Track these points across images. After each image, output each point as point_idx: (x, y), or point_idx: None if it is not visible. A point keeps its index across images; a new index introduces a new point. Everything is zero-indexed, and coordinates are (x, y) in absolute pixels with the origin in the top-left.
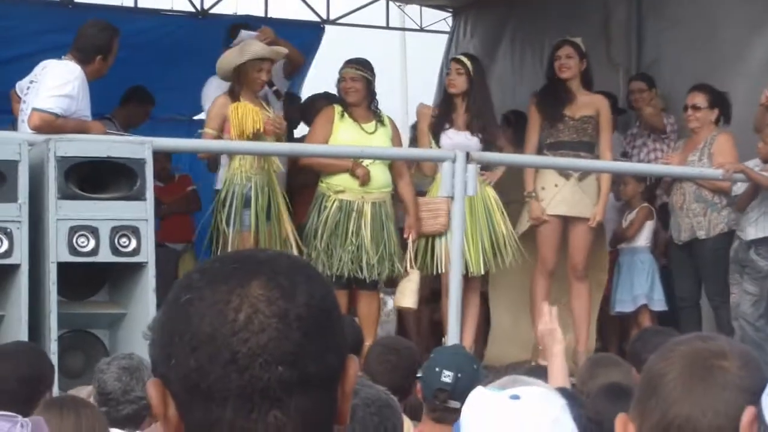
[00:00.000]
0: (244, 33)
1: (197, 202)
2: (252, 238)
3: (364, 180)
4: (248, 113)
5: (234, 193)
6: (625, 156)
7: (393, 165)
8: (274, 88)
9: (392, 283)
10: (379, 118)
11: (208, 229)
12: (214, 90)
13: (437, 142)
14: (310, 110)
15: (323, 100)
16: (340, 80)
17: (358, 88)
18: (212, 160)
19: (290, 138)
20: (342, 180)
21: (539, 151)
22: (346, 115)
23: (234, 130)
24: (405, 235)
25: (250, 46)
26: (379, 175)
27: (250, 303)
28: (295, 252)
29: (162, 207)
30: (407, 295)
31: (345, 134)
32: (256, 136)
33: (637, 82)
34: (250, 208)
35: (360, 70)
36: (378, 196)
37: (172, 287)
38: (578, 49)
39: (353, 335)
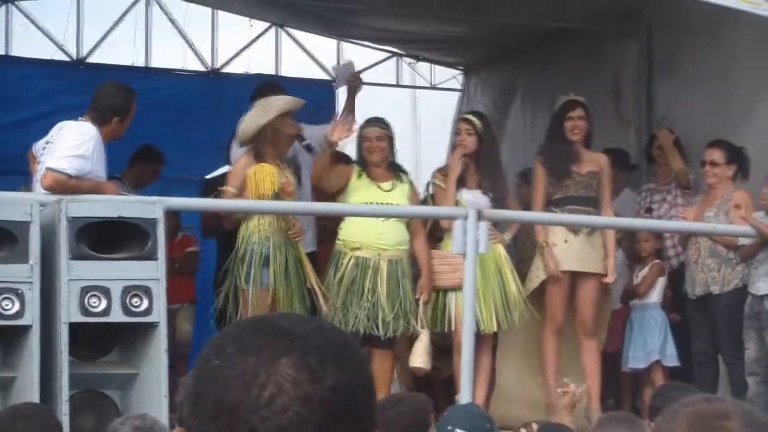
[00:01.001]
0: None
1: (196, 264)
2: (270, 297)
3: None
4: (266, 176)
5: (253, 252)
6: (649, 212)
7: (410, 223)
8: (305, 142)
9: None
10: (397, 177)
11: (215, 286)
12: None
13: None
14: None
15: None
16: (363, 139)
17: (383, 147)
18: (210, 226)
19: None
20: (359, 236)
21: (546, 208)
22: (363, 175)
23: (251, 194)
24: (417, 296)
25: (273, 102)
26: (396, 232)
27: (276, 382)
28: (321, 303)
29: (174, 266)
30: (418, 355)
31: (358, 194)
32: (276, 197)
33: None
34: (269, 267)
35: (384, 128)
36: (394, 253)
37: (207, 344)
38: (586, 109)
39: None
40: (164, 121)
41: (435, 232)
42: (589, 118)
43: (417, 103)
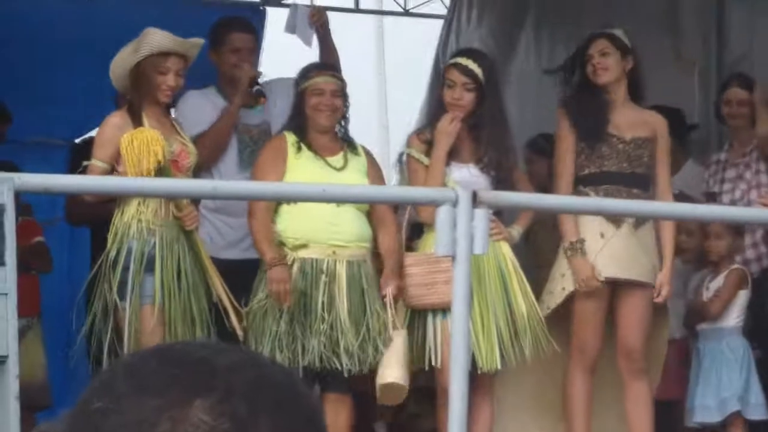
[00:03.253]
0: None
1: (47, 260)
2: (156, 315)
3: (275, 288)
4: (147, 144)
5: (130, 252)
6: (712, 197)
7: (373, 211)
8: (256, 87)
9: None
10: (351, 147)
11: (72, 298)
12: (191, 108)
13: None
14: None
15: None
16: (307, 93)
17: (338, 107)
18: (78, 211)
19: None
20: (304, 230)
21: (574, 188)
22: (303, 146)
23: (130, 170)
24: (382, 293)
25: (149, 37)
26: (355, 223)
27: None
28: (234, 324)
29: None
30: (392, 367)
31: (304, 175)
32: (160, 172)
33: (735, 89)
34: (153, 273)
35: (340, 79)
36: (354, 252)
37: (88, 385)
38: (619, 43)
39: None
40: (13, 62)
41: (411, 228)
42: (627, 54)
43: (383, 36)
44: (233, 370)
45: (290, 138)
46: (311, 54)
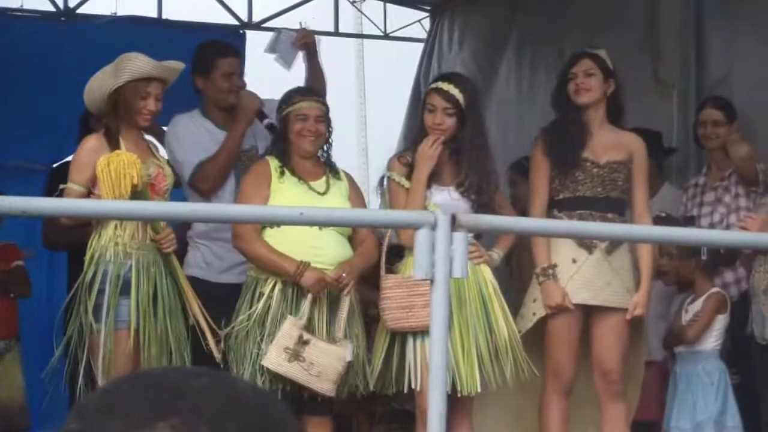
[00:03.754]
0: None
1: (26, 284)
2: (131, 340)
3: (316, 289)
4: (124, 167)
5: (106, 275)
6: (691, 221)
7: (354, 234)
8: (267, 120)
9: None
10: (333, 172)
11: (51, 321)
12: (185, 132)
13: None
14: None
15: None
16: (291, 119)
17: (322, 132)
18: (55, 236)
19: None
20: (286, 252)
21: (549, 213)
22: (286, 171)
23: (106, 193)
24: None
25: (129, 62)
26: (336, 247)
27: None
28: (212, 346)
29: None
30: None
31: (288, 199)
32: (137, 195)
33: (709, 110)
34: (129, 297)
35: (324, 105)
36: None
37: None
38: (602, 63)
39: None
40: None
41: (392, 251)
42: (609, 77)
43: (363, 59)
44: (200, 394)
45: (273, 163)
46: (290, 78)
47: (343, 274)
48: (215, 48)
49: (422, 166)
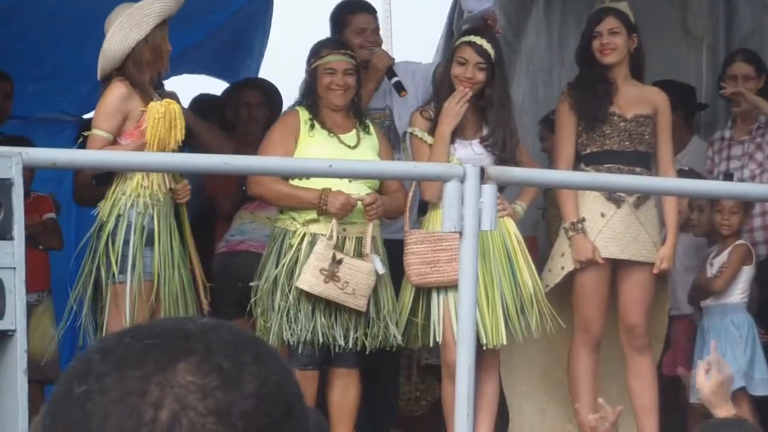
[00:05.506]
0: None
1: (59, 237)
2: (154, 292)
3: (342, 212)
4: (177, 118)
5: (130, 225)
6: (730, 177)
7: (384, 189)
8: (395, 79)
9: None
10: (363, 125)
11: (78, 275)
12: None
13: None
14: (233, 106)
15: (253, 91)
16: (324, 72)
17: (351, 85)
18: (85, 185)
19: None
20: None
21: (576, 167)
22: (316, 124)
23: (157, 143)
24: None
25: (152, 5)
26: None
27: (175, 395)
28: (204, 302)
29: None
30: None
31: (319, 152)
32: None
33: (739, 63)
34: (153, 248)
35: (353, 57)
36: (364, 229)
37: (62, 375)
38: (626, 20)
39: None
40: (19, 36)
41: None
42: (633, 33)
43: (391, 6)
44: (208, 332)
45: (303, 115)
46: (322, 30)
47: (368, 199)
48: (347, 6)
49: (447, 122)
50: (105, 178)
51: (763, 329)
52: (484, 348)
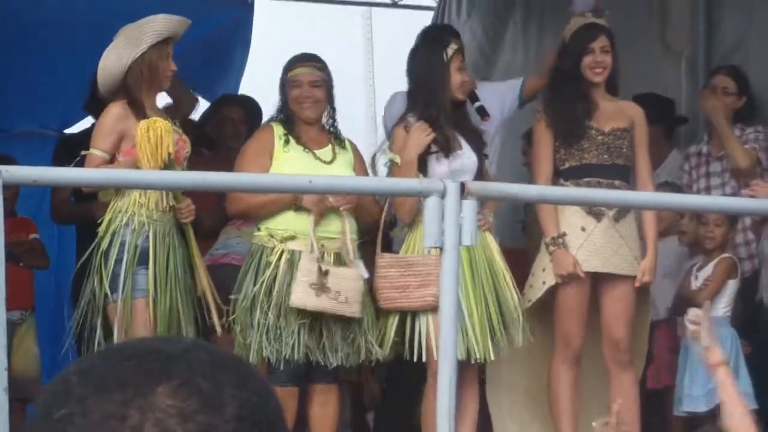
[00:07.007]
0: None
1: (44, 257)
2: (150, 310)
3: (319, 208)
4: (163, 135)
5: (124, 244)
6: (690, 188)
7: (360, 204)
8: (478, 103)
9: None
10: (338, 141)
11: (59, 292)
12: (400, 107)
13: (424, 172)
14: (214, 123)
15: (235, 108)
16: (291, 85)
17: (320, 98)
18: (65, 208)
19: None
20: (290, 222)
21: (555, 182)
22: (291, 139)
23: (146, 161)
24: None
25: (151, 23)
26: (341, 218)
27: (155, 420)
28: (215, 320)
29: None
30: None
31: (294, 168)
32: (167, 165)
33: (721, 76)
34: (147, 267)
35: (321, 70)
36: (342, 243)
37: (40, 397)
38: (613, 39)
39: None
40: (1, 48)
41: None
42: (614, 50)
43: (372, 28)
44: (188, 353)
45: (278, 130)
46: (297, 48)
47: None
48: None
49: (412, 149)
50: (84, 196)
51: (746, 341)
52: (474, 362)
